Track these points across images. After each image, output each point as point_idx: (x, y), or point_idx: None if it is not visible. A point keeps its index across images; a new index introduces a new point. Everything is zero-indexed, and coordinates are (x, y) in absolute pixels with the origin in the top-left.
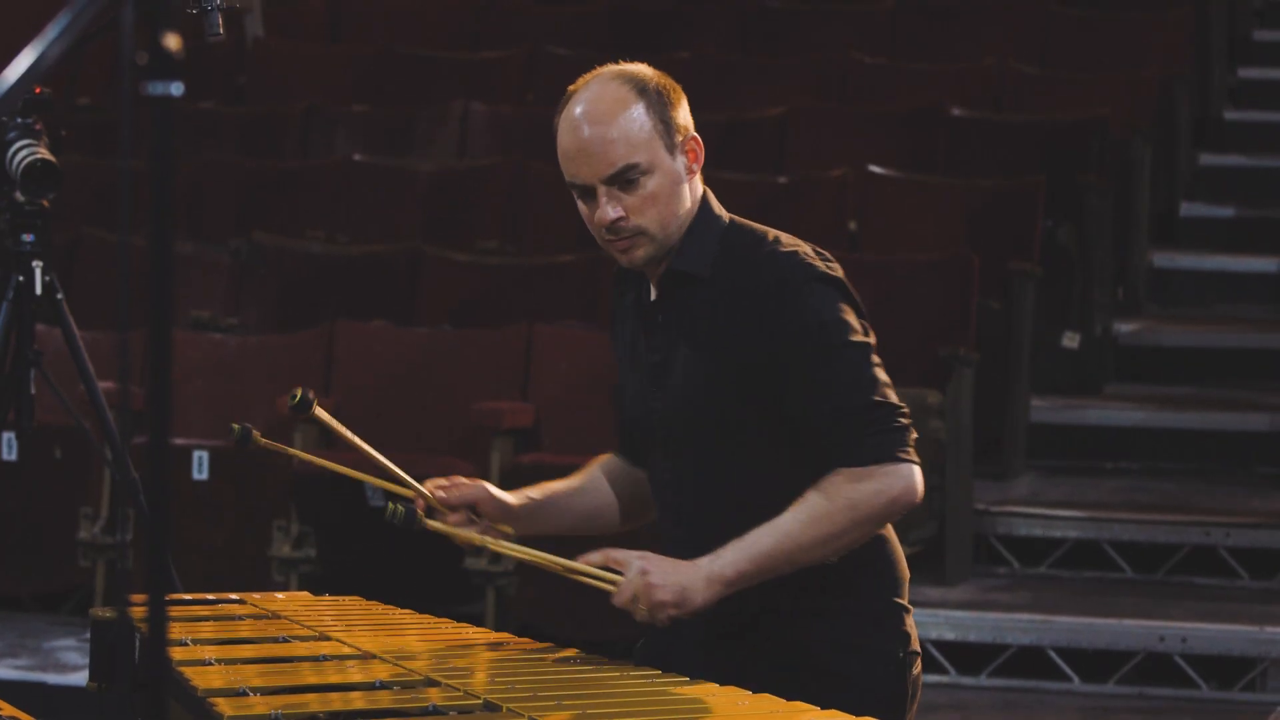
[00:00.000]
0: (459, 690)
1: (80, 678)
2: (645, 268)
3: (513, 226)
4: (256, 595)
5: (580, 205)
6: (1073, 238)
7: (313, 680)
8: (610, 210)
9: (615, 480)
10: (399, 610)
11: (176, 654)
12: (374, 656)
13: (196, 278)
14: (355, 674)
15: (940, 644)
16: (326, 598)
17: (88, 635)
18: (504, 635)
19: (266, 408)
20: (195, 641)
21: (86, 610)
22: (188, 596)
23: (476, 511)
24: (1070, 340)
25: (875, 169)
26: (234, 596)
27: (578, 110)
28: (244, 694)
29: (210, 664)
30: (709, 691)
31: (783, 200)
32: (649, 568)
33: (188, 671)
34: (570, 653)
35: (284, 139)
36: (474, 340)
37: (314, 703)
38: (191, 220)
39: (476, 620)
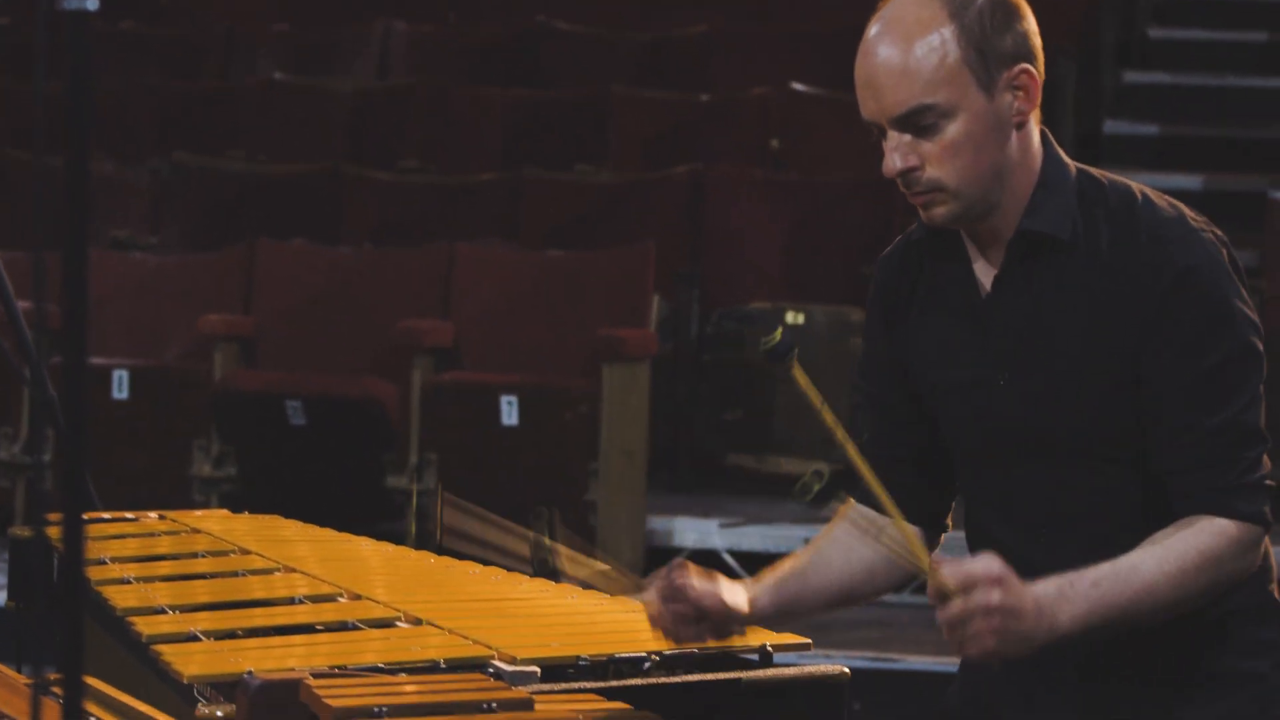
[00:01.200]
0: (380, 604)
1: None
2: (952, 226)
3: (434, 146)
4: (176, 513)
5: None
6: None
7: (233, 597)
8: (898, 159)
9: (857, 543)
10: (319, 528)
11: (95, 573)
12: (294, 572)
13: (117, 198)
14: (275, 590)
15: None
16: (246, 515)
17: (6, 554)
18: (425, 553)
19: (188, 327)
20: (114, 560)
21: (5, 529)
22: (106, 515)
23: (700, 612)
24: None
25: (798, 87)
26: (153, 515)
27: (873, 30)
28: (162, 612)
29: (129, 582)
30: (628, 607)
31: (706, 119)
32: (996, 604)
33: (106, 590)
34: (492, 571)
35: (205, 59)
36: (395, 259)
37: (234, 619)
38: (112, 140)
39: (398, 539)
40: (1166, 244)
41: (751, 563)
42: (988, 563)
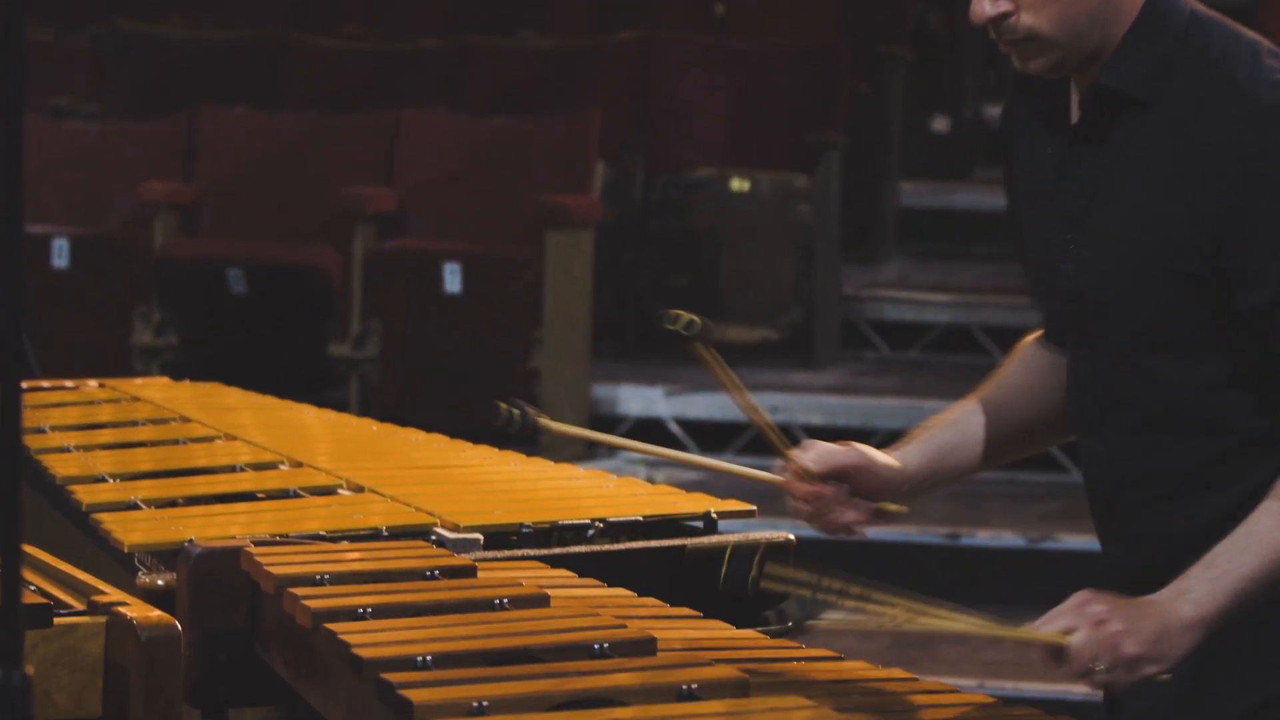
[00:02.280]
0: (323, 472)
1: None
2: (1050, 76)
3: (376, 11)
4: (116, 381)
5: None
6: (944, 21)
7: (174, 465)
8: (987, 4)
9: (1038, 381)
10: (261, 396)
11: (34, 441)
12: (236, 440)
13: (57, 65)
14: (217, 458)
15: (809, 429)
16: (187, 383)
17: None
18: (367, 420)
19: (128, 195)
20: (54, 429)
21: None
22: (46, 384)
23: (850, 484)
24: (940, 124)
25: None
26: (94, 383)
27: None
28: (103, 480)
29: (69, 451)
30: (571, 474)
31: None
32: (1105, 613)
33: (46, 459)
34: (434, 437)
35: None
36: (339, 126)
37: (175, 487)
38: (52, 7)
39: (340, 407)
40: (1257, 113)
41: (697, 431)
42: (1073, 598)
